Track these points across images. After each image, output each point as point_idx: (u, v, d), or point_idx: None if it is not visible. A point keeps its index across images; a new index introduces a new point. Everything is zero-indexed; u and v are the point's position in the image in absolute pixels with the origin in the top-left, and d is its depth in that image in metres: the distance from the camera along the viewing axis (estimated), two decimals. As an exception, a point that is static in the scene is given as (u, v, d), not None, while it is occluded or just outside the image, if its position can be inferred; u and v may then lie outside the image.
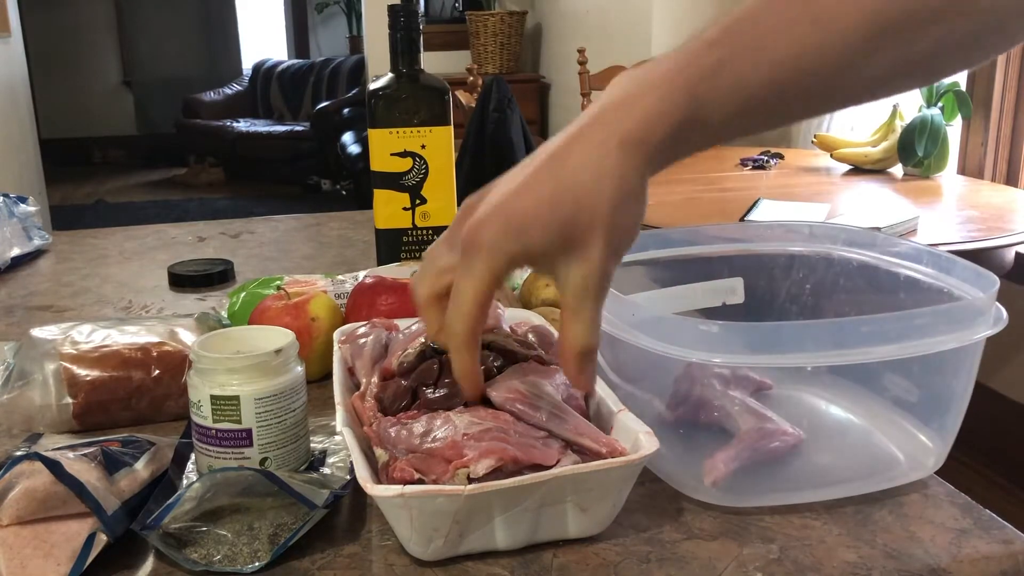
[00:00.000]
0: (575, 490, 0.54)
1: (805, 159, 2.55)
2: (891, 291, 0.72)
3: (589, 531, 0.57)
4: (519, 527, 0.55)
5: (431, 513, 0.52)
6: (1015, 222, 1.85)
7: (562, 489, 0.54)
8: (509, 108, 2.76)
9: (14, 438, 0.72)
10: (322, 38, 7.48)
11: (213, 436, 0.62)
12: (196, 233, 1.43)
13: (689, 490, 0.62)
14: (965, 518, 0.60)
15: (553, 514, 0.55)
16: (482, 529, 0.54)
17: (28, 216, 1.31)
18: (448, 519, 0.52)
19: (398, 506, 0.52)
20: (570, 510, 0.55)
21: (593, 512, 0.56)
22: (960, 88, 2.23)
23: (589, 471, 0.53)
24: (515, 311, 0.78)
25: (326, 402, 0.79)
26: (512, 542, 0.55)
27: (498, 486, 0.52)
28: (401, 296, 0.84)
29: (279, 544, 0.55)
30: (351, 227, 1.45)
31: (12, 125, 3.90)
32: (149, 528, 0.54)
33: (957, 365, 0.63)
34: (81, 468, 0.56)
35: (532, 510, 0.54)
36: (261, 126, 6.68)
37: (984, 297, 0.61)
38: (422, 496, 0.51)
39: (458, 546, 0.54)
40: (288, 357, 0.64)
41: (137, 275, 1.20)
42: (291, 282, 0.94)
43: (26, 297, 1.11)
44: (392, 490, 0.51)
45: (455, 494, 0.51)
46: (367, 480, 0.52)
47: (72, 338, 0.77)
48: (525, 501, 0.53)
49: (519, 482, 0.52)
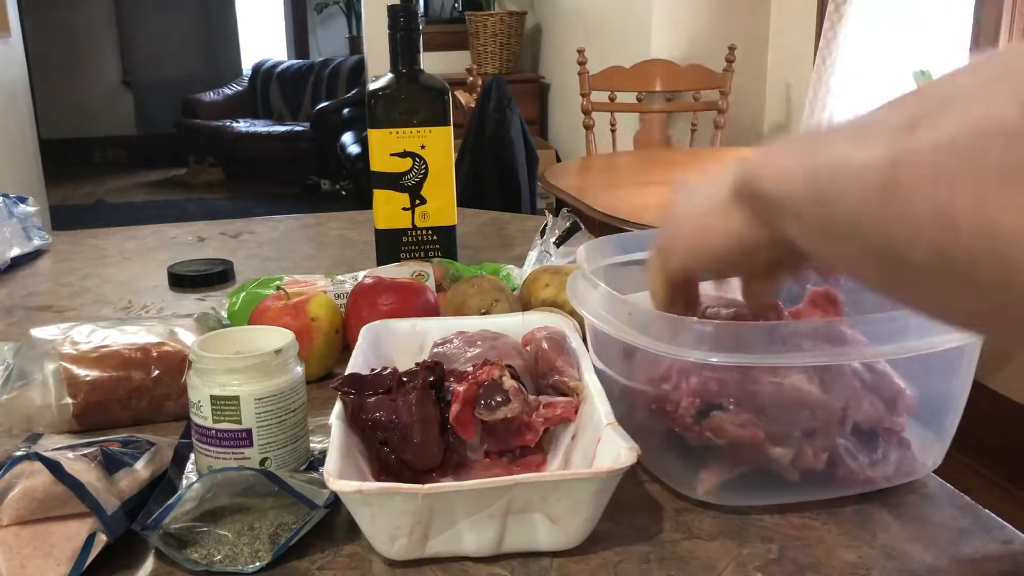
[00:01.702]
0: (543, 499, 0.53)
1: (805, 159, 2.55)
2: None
3: (561, 544, 0.56)
4: (486, 533, 0.54)
5: (392, 511, 0.52)
6: (1015, 222, 1.85)
7: (528, 498, 0.53)
8: (509, 108, 2.76)
9: (14, 438, 0.72)
10: (322, 38, 7.48)
11: (213, 436, 0.62)
12: (196, 233, 1.43)
13: (687, 490, 0.62)
14: (965, 518, 0.60)
15: (522, 522, 0.54)
16: (447, 532, 0.54)
17: (28, 216, 1.31)
18: (409, 518, 0.52)
19: (359, 503, 0.52)
20: (540, 521, 0.54)
21: (565, 524, 0.55)
22: (960, 88, 2.22)
23: (553, 480, 0.53)
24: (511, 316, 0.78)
25: (325, 402, 0.79)
26: (479, 547, 0.55)
27: (457, 487, 0.52)
28: (401, 296, 0.84)
29: (280, 544, 0.55)
30: (351, 227, 1.45)
31: (12, 125, 3.90)
32: (150, 528, 0.54)
33: (955, 364, 0.63)
34: (81, 468, 0.56)
35: (498, 517, 0.53)
36: (261, 126, 6.68)
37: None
38: (379, 494, 0.52)
39: (423, 547, 0.54)
40: (288, 357, 0.64)
41: (137, 275, 1.20)
42: (291, 282, 0.94)
43: (26, 297, 1.11)
44: (351, 486, 0.51)
45: (412, 493, 0.51)
46: (331, 474, 0.52)
47: (72, 338, 0.77)
48: (489, 506, 0.53)
49: (479, 484, 0.52)
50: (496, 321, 0.76)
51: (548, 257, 1.02)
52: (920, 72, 2.26)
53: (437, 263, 1.01)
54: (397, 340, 0.74)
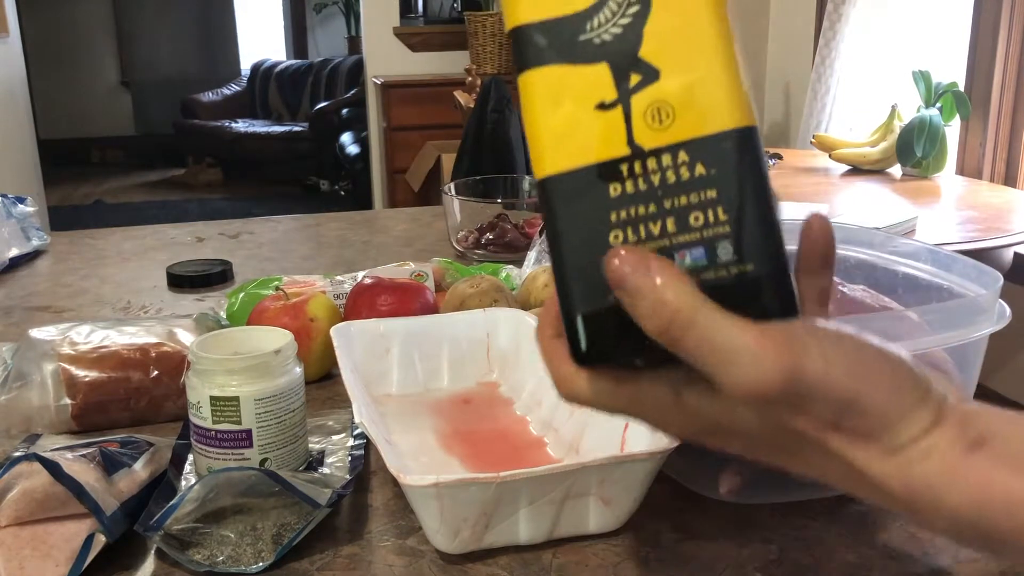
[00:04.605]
0: (601, 481, 0.55)
1: (804, 159, 2.55)
2: (890, 289, 0.72)
3: (609, 526, 0.57)
4: (542, 520, 0.55)
5: (462, 502, 0.53)
6: (1014, 222, 1.85)
7: (588, 480, 0.54)
8: (508, 108, 2.76)
9: (13, 439, 0.72)
10: (320, 38, 7.47)
11: (213, 437, 0.62)
12: (195, 233, 1.43)
13: (706, 490, 0.62)
14: (965, 518, 0.60)
15: (576, 507, 0.56)
16: (507, 521, 0.55)
17: (26, 216, 1.31)
18: (477, 508, 0.53)
19: (431, 496, 0.52)
20: (592, 503, 0.56)
21: (615, 506, 0.57)
22: (959, 88, 2.23)
23: (616, 461, 0.54)
24: (512, 311, 0.78)
25: (324, 402, 0.79)
26: (533, 535, 0.56)
27: (529, 473, 0.52)
28: (400, 296, 0.84)
29: (283, 544, 0.55)
30: (350, 227, 1.45)
31: (10, 125, 3.89)
32: (152, 529, 0.54)
33: (962, 362, 0.63)
34: (80, 469, 0.56)
35: (556, 502, 0.55)
36: (260, 126, 6.67)
37: (987, 294, 0.61)
38: (455, 485, 0.52)
39: (482, 538, 0.55)
40: (287, 357, 0.64)
41: (136, 276, 1.20)
42: (290, 282, 0.94)
43: (24, 298, 1.11)
44: (426, 480, 0.51)
45: (487, 482, 0.52)
46: (400, 470, 0.52)
47: (71, 339, 0.77)
48: (552, 491, 0.54)
49: (548, 470, 0.53)
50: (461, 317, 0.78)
51: (547, 257, 1.02)
52: (920, 72, 2.26)
53: (437, 263, 1.01)
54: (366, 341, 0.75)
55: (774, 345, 0.33)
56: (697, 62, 0.35)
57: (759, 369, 0.33)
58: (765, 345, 0.33)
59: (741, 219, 0.35)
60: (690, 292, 0.34)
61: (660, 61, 0.35)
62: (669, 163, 0.35)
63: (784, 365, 0.33)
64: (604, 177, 0.36)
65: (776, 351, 0.33)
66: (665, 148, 0.35)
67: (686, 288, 0.34)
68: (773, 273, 0.35)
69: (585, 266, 0.36)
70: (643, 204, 0.35)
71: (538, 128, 0.36)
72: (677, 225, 0.35)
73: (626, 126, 0.36)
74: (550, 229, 0.36)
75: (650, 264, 0.34)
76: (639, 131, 0.36)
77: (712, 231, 0.35)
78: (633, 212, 0.36)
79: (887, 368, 0.34)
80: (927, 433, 0.34)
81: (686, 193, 0.35)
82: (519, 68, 0.37)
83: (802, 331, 0.34)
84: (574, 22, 0.36)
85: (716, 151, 0.35)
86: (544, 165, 0.36)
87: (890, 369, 0.34)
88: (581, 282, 0.36)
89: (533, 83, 0.36)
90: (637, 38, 0.36)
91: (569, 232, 0.36)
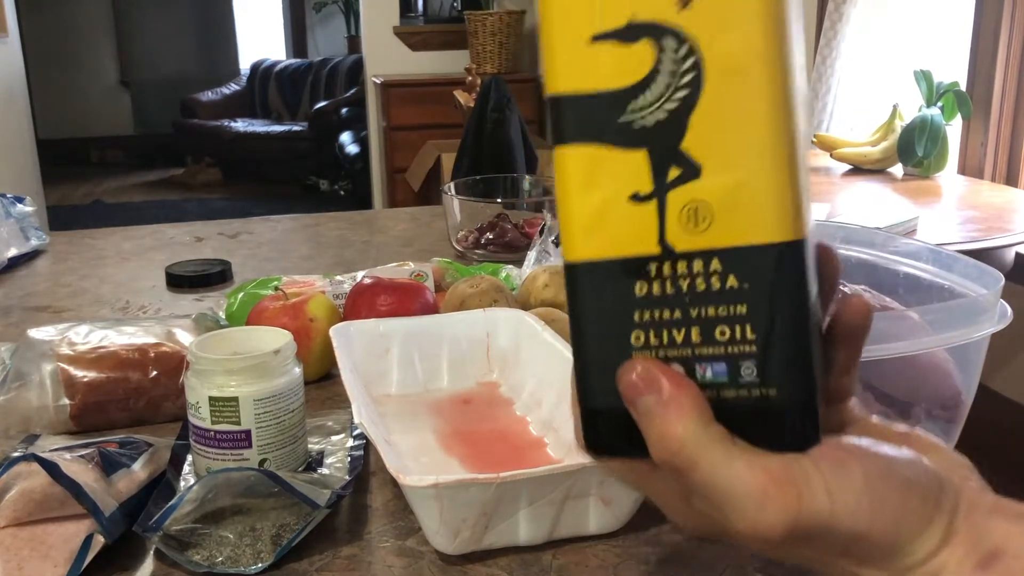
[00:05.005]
0: (601, 481, 0.55)
1: (804, 159, 2.55)
2: (891, 289, 0.72)
3: (609, 526, 0.57)
4: (542, 520, 0.55)
5: (462, 503, 0.52)
6: (1015, 222, 1.85)
7: (588, 480, 0.54)
8: (508, 108, 2.76)
9: (11, 439, 0.72)
10: (320, 37, 7.47)
11: (212, 438, 0.61)
12: (194, 233, 1.42)
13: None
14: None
15: (576, 508, 0.56)
16: (507, 522, 0.54)
17: (25, 216, 1.30)
18: (477, 509, 0.53)
19: (430, 497, 0.52)
20: (592, 504, 0.56)
21: (615, 506, 0.56)
22: (960, 88, 2.23)
23: None
24: (511, 311, 0.78)
25: (323, 403, 0.79)
26: (533, 536, 0.56)
27: (529, 474, 0.52)
28: (399, 296, 0.84)
29: (282, 545, 0.55)
30: (349, 228, 1.45)
31: (9, 125, 3.89)
32: (151, 530, 0.54)
33: (963, 362, 0.63)
34: (78, 469, 0.56)
35: (556, 503, 0.55)
36: (259, 126, 6.67)
37: (989, 294, 0.61)
38: (455, 486, 0.52)
39: (482, 539, 0.55)
40: (286, 358, 0.63)
41: (135, 275, 1.20)
42: (289, 282, 0.94)
43: (23, 298, 1.11)
44: (426, 480, 0.51)
45: (487, 483, 0.51)
46: (399, 471, 0.52)
47: (69, 339, 0.77)
48: (552, 492, 0.54)
49: (548, 470, 0.53)
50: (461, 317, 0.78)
51: (547, 257, 1.02)
52: (921, 72, 2.26)
53: (437, 263, 1.00)
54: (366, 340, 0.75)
55: (778, 489, 0.32)
56: (744, 162, 0.31)
57: (762, 515, 0.32)
58: (769, 490, 0.32)
59: (769, 342, 0.32)
60: (699, 428, 0.33)
61: (703, 156, 0.32)
62: (700, 269, 0.32)
63: (788, 511, 0.32)
64: (631, 274, 0.33)
65: (781, 496, 0.32)
66: (698, 253, 0.32)
67: (695, 423, 0.33)
68: (796, 403, 0.33)
69: (603, 362, 0.34)
70: (668, 308, 0.33)
71: (570, 208, 0.34)
72: (702, 336, 0.33)
73: (659, 223, 0.33)
74: (572, 314, 0.35)
75: (663, 387, 0.33)
76: (672, 230, 0.32)
77: (737, 348, 0.33)
78: (657, 315, 0.33)
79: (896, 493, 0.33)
80: (936, 554, 0.33)
81: (714, 304, 0.33)
82: (555, 140, 0.34)
83: (809, 466, 0.33)
84: (616, 100, 0.32)
85: (753, 265, 0.32)
86: (574, 249, 0.34)
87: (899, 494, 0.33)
88: (597, 377, 0.34)
89: (568, 160, 0.33)
90: (681, 127, 0.32)
91: (591, 323, 0.34)
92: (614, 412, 0.34)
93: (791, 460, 0.33)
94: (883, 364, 0.59)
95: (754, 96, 0.31)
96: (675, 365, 0.34)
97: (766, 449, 0.33)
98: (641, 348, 0.34)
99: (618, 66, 0.32)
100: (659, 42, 0.32)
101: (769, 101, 0.31)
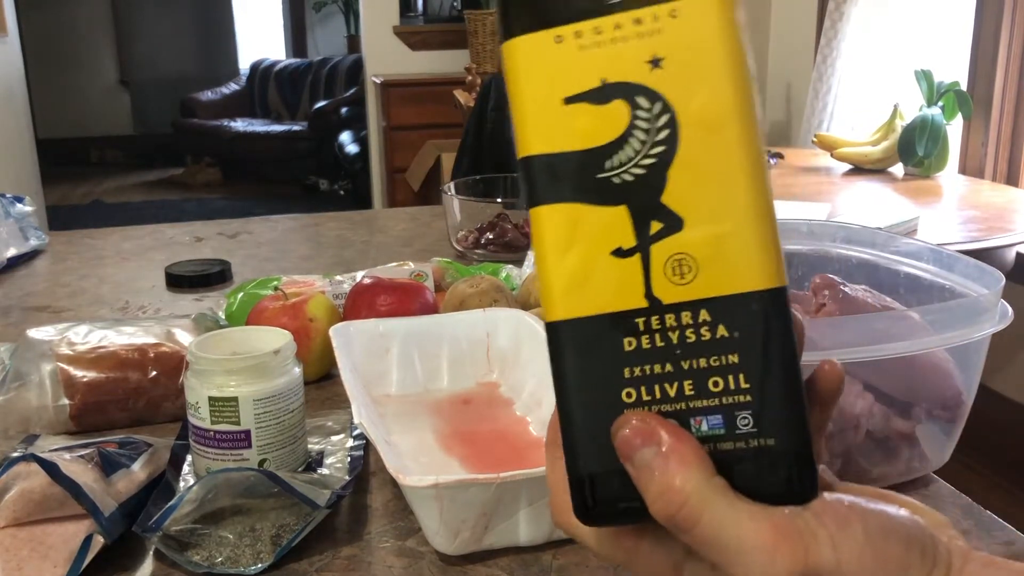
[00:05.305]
0: None
1: (805, 159, 2.55)
2: (891, 289, 0.71)
3: None
4: (542, 521, 0.55)
5: (462, 504, 0.52)
6: (1016, 222, 1.85)
7: None
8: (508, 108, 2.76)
9: (11, 439, 0.72)
10: (320, 37, 7.47)
11: (211, 438, 0.61)
12: (193, 233, 1.42)
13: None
14: (966, 519, 0.60)
15: None
16: (507, 522, 0.54)
17: (25, 216, 1.30)
18: (477, 510, 0.53)
19: (430, 497, 0.52)
20: None
21: None
22: (960, 87, 2.23)
23: None
24: (511, 311, 0.78)
25: (323, 403, 0.79)
26: (533, 536, 0.56)
27: (528, 474, 0.52)
28: (399, 296, 0.84)
29: (282, 545, 0.55)
30: (349, 227, 1.44)
31: (9, 125, 3.89)
32: (151, 531, 0.54)
33: (964, 362, 0.63)
34: (78, 469, 0.56)
35: None
36: (259, 126, 6.67)
37: (989, 294, 0.61)
38: (455, 486, 0.51)
39: (482, 539, 0.55)
40: (286, 358, 0.63)
41: (134, 275, 1.20)
42: (289, 282, 0.94)
43: (23, 298, 1.11)
44: (426, 480, 0.51)
45: (487, 483, 0.51)
46: (399, 471, 0.52)
47: (69, 339, 0.77)
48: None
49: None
50: (461, 317, 0.78)
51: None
52: (922, 71, 2.26)
53: (437, 263, 1.00)
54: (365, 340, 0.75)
55: (787, 542, 0.31)
56: (726, 213, 0.32)
57: (771, 569, 0.31)
58: (777, 543, 0.31)
59: (764, 389, 0.32)
60: (701, 479, 0.32)
61: (684, 209, 0.32)
62: (689, 321, 0.32)
63: (797, 564, 0.31)
64: (618, 329, 0.33)
65: (789, 548, 0.31)
66: (686, 304, 0.32)
67: (696, 473, 0.32)
68: (794, 450, 0.32)
69: (594, 423, 0.33)
70: (659, 362, 0.33)
71: (549, 269, 0.33)
72: (695, 388, 0.32)
73: (644, 277, 0.32)
74: (557, 375, 0.34)
75: (662, 438, 0.32)
76: (658, 283, 0.32)
77: (732, 399, 0.32)
78: (648, 370, 0.33)
79: (897, 548, 0.33)
80: None
81: (706, 355, 0.32)
82: (530, 202, 0.33)
83: (811, 519, 0.32)
84: (593, 157, 0.32)
85: (741, 313, 0.32)
86: (554, 308, 0.33)
87: (899, 549, 0.33)
88: (589, 440, 0.33)
89: (545, 219, 0.33)
90: (660, 181, 0.32)
91: (578, 384, 0.33)
92: (606, 475, 0.33)
93: (795, 513, 0.32)
94: (884, 364, 0.59)
95: (730, 150, 0.32)
96: (669, 420, 0.33)
97: (766, 502, 0.32)
98: (633, 405, 0.33)
99: (592, 126, 0.33)
100: (632, 101, 0.32)
101: (745, 154, 0.32)
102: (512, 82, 0.34)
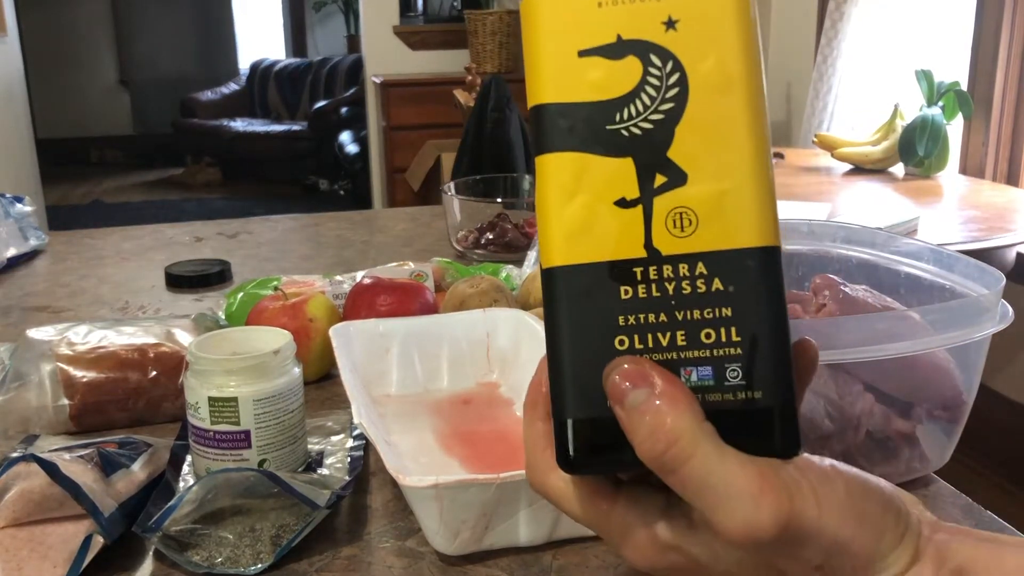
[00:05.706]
0: None
1: (806, 159, 2.55)
2: (892, 289, 0.71)
3: None
4: (542, 521, 0.55)
5: (462, 504, 0.52)
6: (1016, 222, 1.85)
7: None
8: (508, 108, 2.76)
9: (10, 440, 0.71)
10: (320, 37, 7.46)
11: (211, 438, 0.61)
12: (193, 233, 1.42)
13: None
14: (966, 520, 0.60)
15: None
16: (507, 522, 0.54)
17: (24, 216, 1.30)
18: (477, 510, 0.53)
19: (430, 497, 0.52)
20: None
21: None
22: (961, 87, 2.22)
23: None
24: (511, 311, 0.78)
25: (323, 403, 0.79)
26: (534, 537, 0.56)
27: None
28: (399, 296, 0.84)
29: (282, 545, 0.55)
30: (349, 227, 1.44)
31: (8, 125, 3.89)
32: (150, 531, 0.54)
33: (964, 362, 0.62)
34: (77, 470, 0.56)
35: None
36: (258, 126, 6.67)
37: (990, 294, 0.61)
38: (455, 486, 0.51)
39: (482, 540, 0.55)
40: (286, 358, 0.63)
41: (134, 275, 1.20)
42: (289, 282, 0.94)
43: (22, 298, 1.11)
44: (426, 481, 0.51)
45: (487, 483, 0.51)
46: (399, 471, 0.52)
47: (68, 339, 0.77)
48: None
49: None
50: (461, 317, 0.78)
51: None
52: (922, 71, 2.26)
53: (437, 263, 1.00)
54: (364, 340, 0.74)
55: (772, 489, 0.32)
56: (729, 171, 0.33)
57: (756, 515, 0.32)
58: (764, 489, 0.32)
59: (755, 344, 0.33)
60: (691, 421, 0.32)
61: (689, 164, 0.33)
62: (686, 273, 0.33)
63: (781, 511, 0.32)
64: (616, 277, 0.33)
65: (775, 496, 0.32)
66: (683, 257, 0.33)
67: (688, 415, 0.32)
68: (781, 405, 0.33)
69: (584, 369, 0.34)
70: (654, 312, 0.33)
71: (550, 215, 0.34)
72: (687, 339, 0.33)
73: (645, 228, 0.33)
74: (550, 322, 0.34)
75: (653, 381, 0.32)
76: (658, 235, 0.33)
77: (723, 351, 0.33)
78: (642, 319, 0.33)
79: (875, 508, 0.34)
80: (907, 570, 0.34)
81: (700, 307, 0.33)
82: (538, 149, 0.34)
83: (795, 472, 0.33)
84: (603, 110, 0.34)
85: (737, 268, 0.33)
86: (553, 254, 0.34)
87: (877, 509, 0.34)
88: (578, 385, 0.34)
89: (551, 167, 0.34)
90: (668, 136, 0.33)
91: (571, 330, 0.34)
92: (595, 421, 0.34)
93: (779, 465, 0.33)
94: (884, 364, 0.59)
95: (737, 112, 0.33)
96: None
97: (751, 453, 0.33)
98: (625, 352, 0.33)
99: (605, 79, 0.34)
100: (645, 58, 0.34)
101: (751, 117, 0.33)
102: (529, 32, 0.34)
